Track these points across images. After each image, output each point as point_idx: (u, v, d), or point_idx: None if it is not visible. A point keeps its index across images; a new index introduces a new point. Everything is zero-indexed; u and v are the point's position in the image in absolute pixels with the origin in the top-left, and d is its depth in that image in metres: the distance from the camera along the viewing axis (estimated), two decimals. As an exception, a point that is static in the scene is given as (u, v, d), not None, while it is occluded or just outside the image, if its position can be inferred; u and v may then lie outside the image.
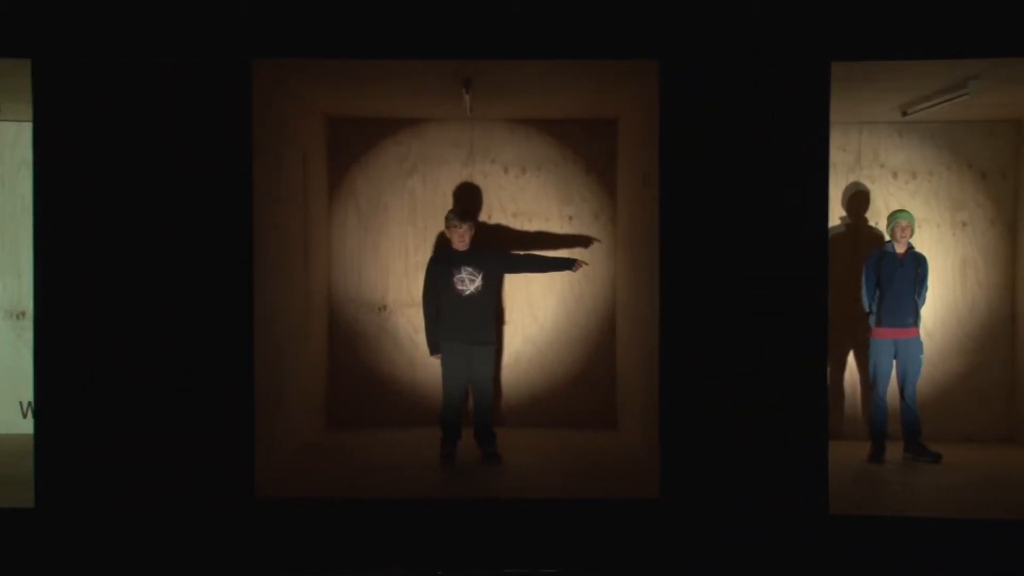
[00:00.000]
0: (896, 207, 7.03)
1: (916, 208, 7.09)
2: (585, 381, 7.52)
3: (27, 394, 7.21)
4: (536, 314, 7.52)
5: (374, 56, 4.84)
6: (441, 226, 7.53)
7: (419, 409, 7.46)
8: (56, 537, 4.51)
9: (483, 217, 7.47)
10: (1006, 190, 7.15)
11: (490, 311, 6.06)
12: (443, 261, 6.06)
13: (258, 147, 4.89)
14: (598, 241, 7.40)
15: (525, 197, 7.52)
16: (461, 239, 6.01)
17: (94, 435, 4.61)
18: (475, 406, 6.05)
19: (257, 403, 4.83)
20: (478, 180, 7.52)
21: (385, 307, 7.50)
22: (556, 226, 7.52)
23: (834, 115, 5.64)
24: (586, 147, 7.52)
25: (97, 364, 4.63)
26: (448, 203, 7.49)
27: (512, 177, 7.54)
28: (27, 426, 7.20)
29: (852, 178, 7.18)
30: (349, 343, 7.50)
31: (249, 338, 4.71)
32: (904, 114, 6.56)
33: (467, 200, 7.43)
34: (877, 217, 7.11)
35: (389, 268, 7.52)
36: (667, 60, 4.72)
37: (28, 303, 7.21)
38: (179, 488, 4.63)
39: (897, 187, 7.18)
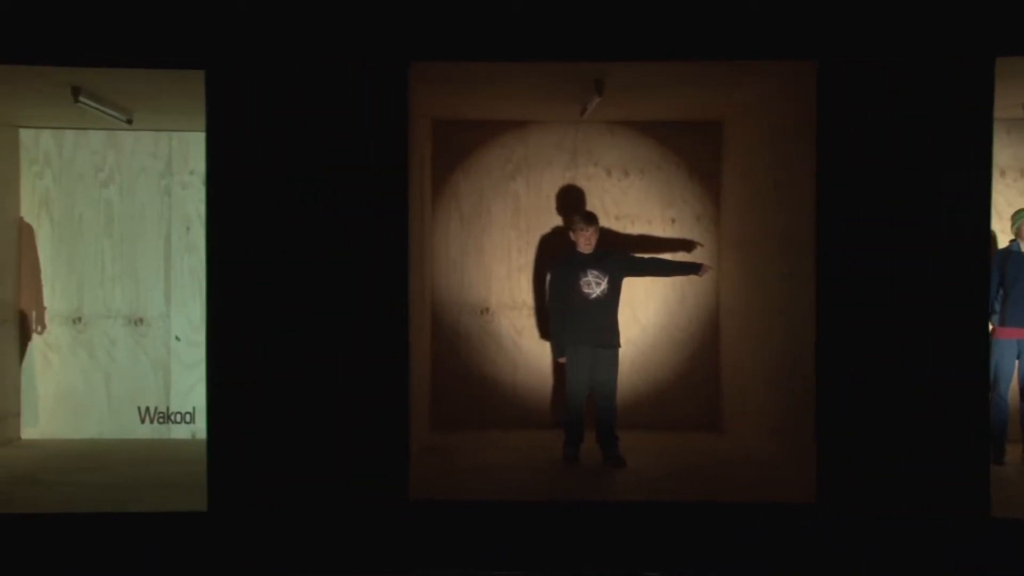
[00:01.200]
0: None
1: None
2: (687, 383, 7.56)
3: (145, 399, 7.37)
4: (638, 316, 7.56)
5: (518, 59, 4.92)
6: (543, 229, 7.62)
7: (520, 411, 7.54)
8: (227, 539, 4.62)
9: (586, 220, 7.53)
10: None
11: (615, 314, 6.12)
12: (568, 264, 6.13)
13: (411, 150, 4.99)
14: (700, 245, 7.42)
15: (628, 200, 7.58)
16: (587, 242, 6.07)
17: (261, 440, 4.71)
18: (599, 409, 6.10)
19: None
20: (581, 183, 7.58)
21: (488, 309, 7.58)
22: (659, 229, 7.56)
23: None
24: (689, 149, 7.55)
25: (263, 370, 4.74)
26: (551, 206, 7.56)
27: (615, 180, 7.59)
28: (145, 431, 7.38)
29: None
30: (451, 345, 7.58)
31: (406, 343, 4.80)
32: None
33: (570, 203, 7.49)
34: (998, 216, 7.07)
35: (492, 271, 7.60)
36: (826, 61, 4.75)
37: (146, 310, 7.38)
38: (338, 491, 4.72)
39: (1005, 185, 7.15)
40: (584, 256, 6.09)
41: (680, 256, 7.28)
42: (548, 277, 6.23)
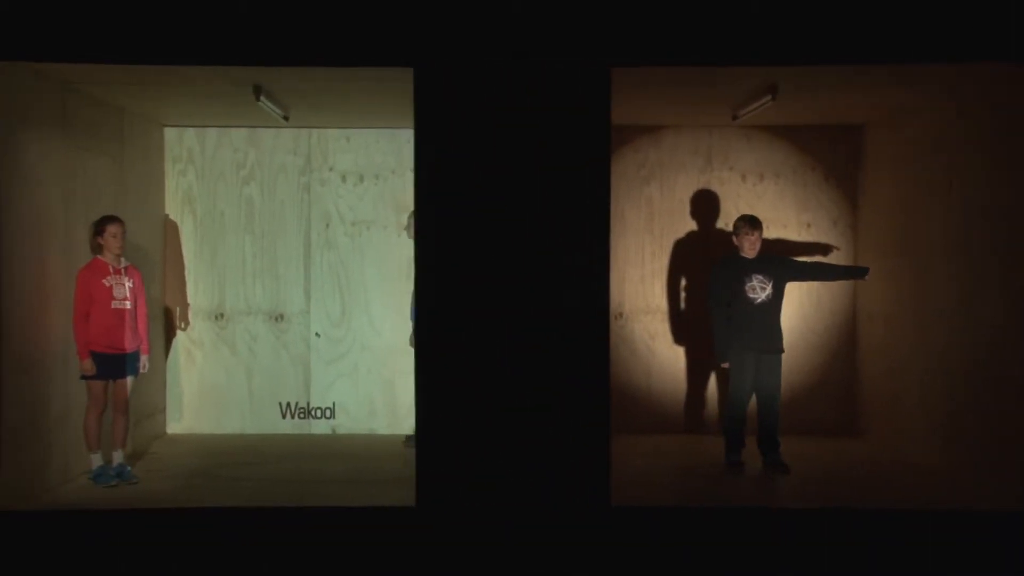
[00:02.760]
0: None
1: None
2: (821, 388, 7.54)
3: (287, 395, 7.45)
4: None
5: (715, 63, 4.94)
6: (678, 233, 7.62)
7: (654, 416, 7.54)
8: (434, 535, 4.66)
9: (720, 224, 7.53)
10: None
11: (779, 318, 6.12)
12: (732, 268, 6.13)
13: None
14: (837, 248, 7.41)
15: (763, 204, 7.57)
16: (752, 246, 6.08)
17: (468, 438, 4.74)
18: (762, 415, 6.10)
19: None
20: (715, 187, 7.59)
21: (621, 315, 7.60)
22: (794, 233, 7.56)
23: None
24: (827, 153, 7.54)
25: (470, 369, 4.77)
26: (685, 211, 7.57)
27: (750, 184, 7.59)
28: (286, 426, 7.47)
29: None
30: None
31: (606, 349, 4.82)
32: None
33: (705, 207, 7.50)
34: None
35: (625, 275, 7.61)
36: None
37: (286, 306, 7.46)
38: (542, 494, 4.76)
39: None
40: (749, 260, 6.10)
41: (816, 260, 7.28)
42: (711, 282, 6.23)
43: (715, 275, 6.20)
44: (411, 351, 7.39)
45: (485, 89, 4.81)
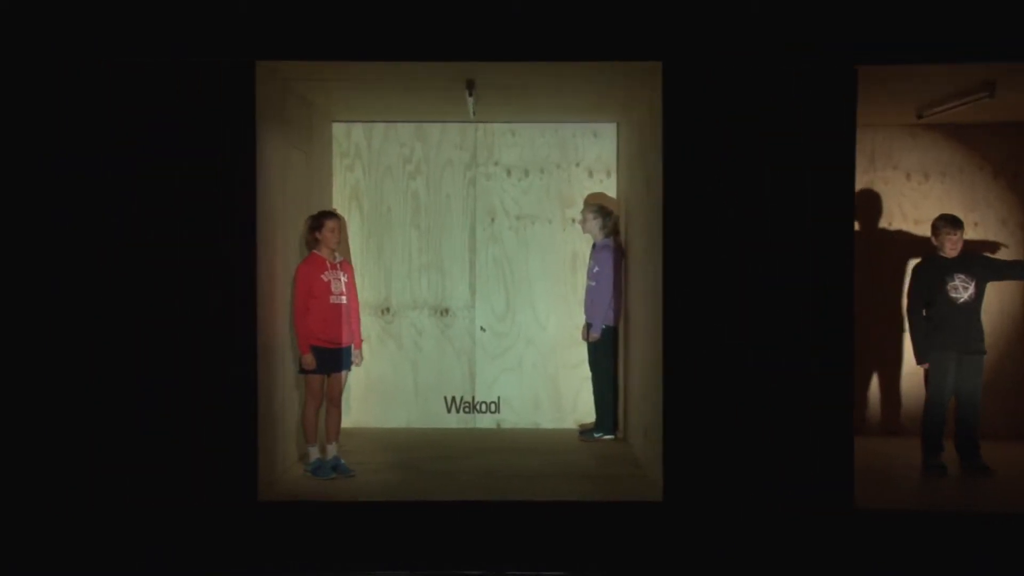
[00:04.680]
0: None
1: None
2: (992, 392, 7.45)
3: (452, 389, 7.50)
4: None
5: (954, 61, 4.92)
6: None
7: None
8: (680, 530, 4.69)
9: (883, 224, 7.48)
10: None
11: (980, 319, 6.08)
12: (934, 268, 6.09)
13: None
14: (1005, 246, 7.34)
15: (928, 204, 7.49)
16: (954, 246, 6.03)
17: (713, 436, 4.76)
18: (961, 417, 6.06)
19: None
20: (878, 186, 7.52)
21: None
22: (960, 232, 7.49)
23: None
24: (995, 151, 7.46)
25: (715, 368, 4.78)
26: (848, 207, 7.52)
27: (915, 184, 7.51)
28: (451, 420, 7.52)
29: None
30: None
31: (851, 345, 4.81)
32: None
33: (867, 206, 7.44)
34: None
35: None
36: None
37: (451, 300, 7.50)
38: (784, 493, 4.76)
39: None
40: (950, 260, 6.05)
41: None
42: (911, 282, 6.19)
43: (916, 275, 6.15)
44: (573, 345, 7.46)
45: (734, 85, 4.81)
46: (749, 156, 4.85)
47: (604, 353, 6.91)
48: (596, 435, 6.91)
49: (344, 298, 5.67)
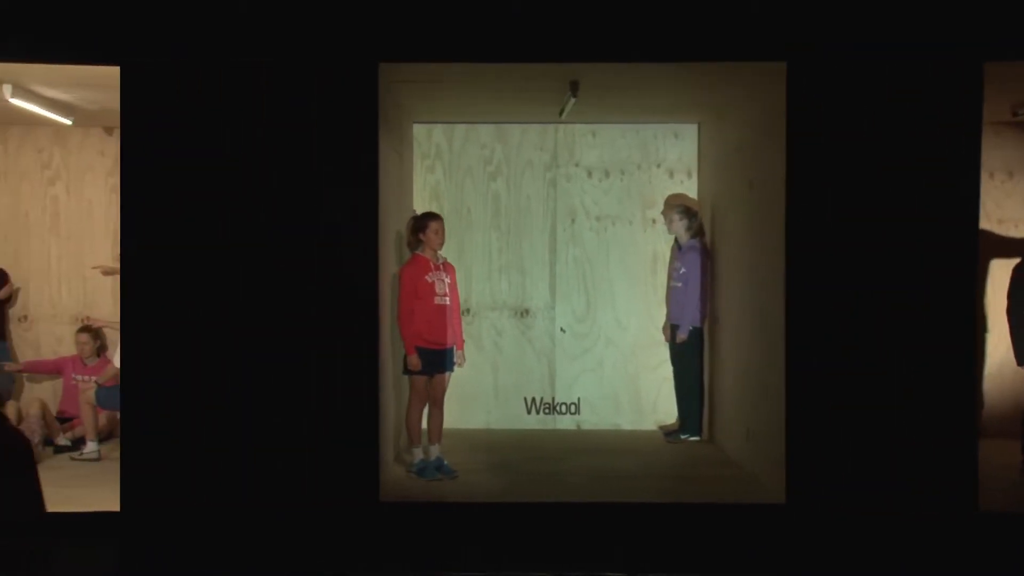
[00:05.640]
0: None
1: None
2: (1068, 388, 7.42)
3: (531, 390, 7.48)
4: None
5: None
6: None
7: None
8: (803, 532, 4.67)
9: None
10: None
11: (1085, 319, 6.04)
12: (1036, 269, 6.06)
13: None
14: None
15: (1011, 203, 7.43)
16: (1058, 247, 6.00)
17: (836, 436, 4.73)
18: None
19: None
20: (961, 184, 7.48)
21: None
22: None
23: None
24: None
25: (839, 368, 4.75)
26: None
27: (998, 182, 7.44)
28: (531, 421, 7.49)
29: None
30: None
31: (971, 346, 4.77)
32: None
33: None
34: None
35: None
36: None
37: (531, 301, 7.48)
38: (904, 495, 4.74)
39: None
40: (1055, 260, 6.02)
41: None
42: (1011, 284, 6.15)
43: (1018, 275, 6.10)
44: (653, 345, 7.42)
45: (859, 85, 4.77)
46: (874, 155, 4.81)
47: (691, 354, 6.87)
48: (683, 436, 6.88)
49: (447, 299, 5.66)
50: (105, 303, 7.51)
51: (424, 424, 5.76)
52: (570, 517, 4.85)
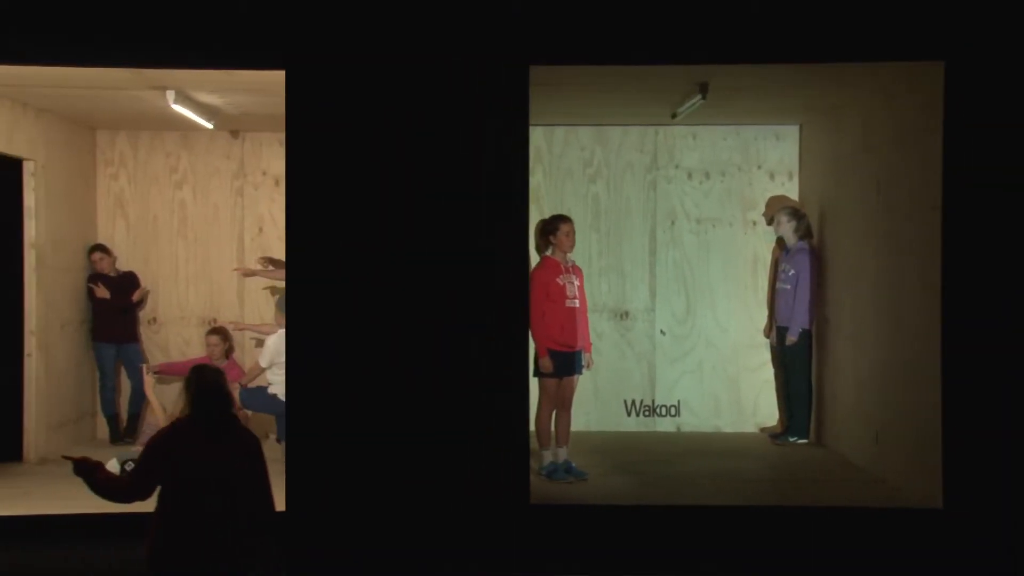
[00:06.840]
0: None
1: None
2: None
3: (631, 392, 7.47)
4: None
5: None
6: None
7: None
8: (961, 537, 4.65)
9: None
10: None
11: None
12: None
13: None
14: None
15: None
16: None
17: (993, 443, 4.69)
18: None
19: None
20: None
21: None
22: None
23: None
24: None
25: (996, 371, 4.71)
26: None
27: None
28: (631, 423, 7.48)
29: None
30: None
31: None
32: None
33: None
34: None
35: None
36: None
37: (631, 304, 7.48)
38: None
39: None
40: None
41: None
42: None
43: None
44: (754, 347, 7.38)
45: (1016, 83, 4.75)
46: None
47: (800, 357, 6.84)
48: (791, 439, 6.86)
49: (577, 301, 5.66)
50: (231, 306, 7.61)
51: (552, 427, 5.77)
52: (714, 520, 4.85)
